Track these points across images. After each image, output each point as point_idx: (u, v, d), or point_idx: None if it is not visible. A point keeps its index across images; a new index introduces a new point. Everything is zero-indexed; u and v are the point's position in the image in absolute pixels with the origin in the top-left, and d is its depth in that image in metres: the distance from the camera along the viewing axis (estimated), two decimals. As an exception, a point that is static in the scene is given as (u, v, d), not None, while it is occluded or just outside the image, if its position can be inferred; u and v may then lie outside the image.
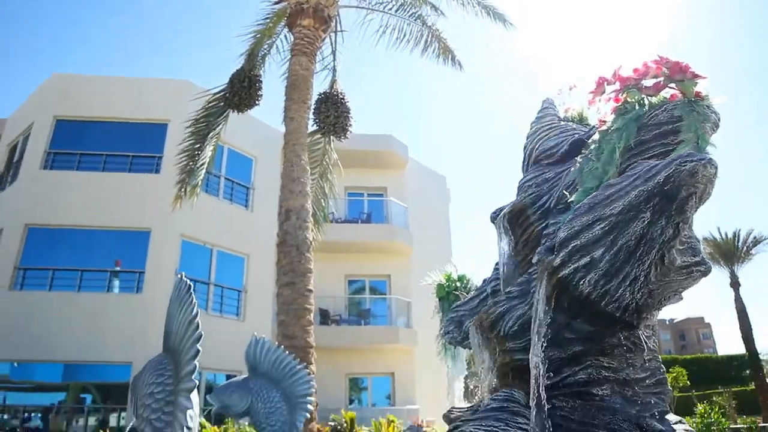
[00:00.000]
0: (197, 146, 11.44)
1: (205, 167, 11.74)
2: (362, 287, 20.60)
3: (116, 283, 15.40)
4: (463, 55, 12.62)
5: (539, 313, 2.32)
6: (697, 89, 2.46)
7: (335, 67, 11.95)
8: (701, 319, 73.80)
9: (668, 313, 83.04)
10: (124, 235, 15.45)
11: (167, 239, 15.28)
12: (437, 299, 4.39)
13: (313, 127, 10.88)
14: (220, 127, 11.70)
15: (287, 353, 3.64)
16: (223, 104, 11.26)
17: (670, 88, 2.55)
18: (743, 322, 22.87)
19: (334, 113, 10.86)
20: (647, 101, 2.55)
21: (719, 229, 24.31)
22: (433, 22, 12.19)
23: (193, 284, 3.07)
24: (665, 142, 2.43)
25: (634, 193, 2.09)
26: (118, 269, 15.37)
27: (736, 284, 23.34)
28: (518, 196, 3.35)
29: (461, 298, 4.03)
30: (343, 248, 18.61)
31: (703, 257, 2.40)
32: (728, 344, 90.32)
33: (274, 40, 11.74)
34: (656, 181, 2.03)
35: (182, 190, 11.55)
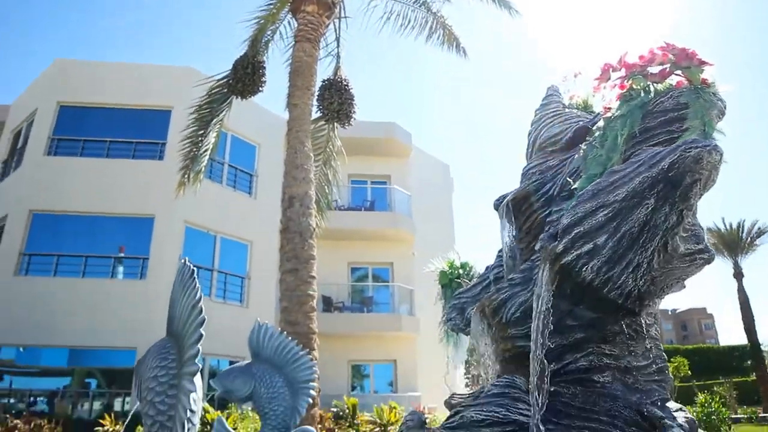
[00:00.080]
0: (200, 133, 11.42)
1: (208, 154, 11.73)
2: (365, 275, 20.67)
3: (120, 269, 15.49)
4: (468, 42, 12.55)
5: (541, 299, 2.31)
6: (703, 76, 2.43)
7: (339, 53, 11.88)
8: (704, 309, 73.94)
9: (671, 303, 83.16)
10: (127, 221, 15.52)
11: (171, 226, 15.33)
12: (440, 286, 4.39)
13: (316, 114, 10.84)
14: (223, 113, 11.67)
15: (290, 339, 3.65)
16: (226, 91, 11.23)
17: (676, 75, 2.52)
18: (746, 312, 22.91)
19: (338, 100, 10.82)
20: (653, 88, 2.52)
21: (723, 219, 24.30)
22: (438, 8, 12.11)
23: (196, 270, 3.08)
24: (670, 129, 2.41)
25: (638, 179, 2.08)
26: (122, 255, 15.45)
27: (739, 275, 23.34)
28: (522, 183, 3.34)
29: (464, 285, 4.03)
30: (346, 236, 18.64)
31: (706, 245, 2.39)
32: (730, 335, 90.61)
33: (277, 26, 11.66)
34: (661, 167, 2.02)
35: (185, 176, 11.55)
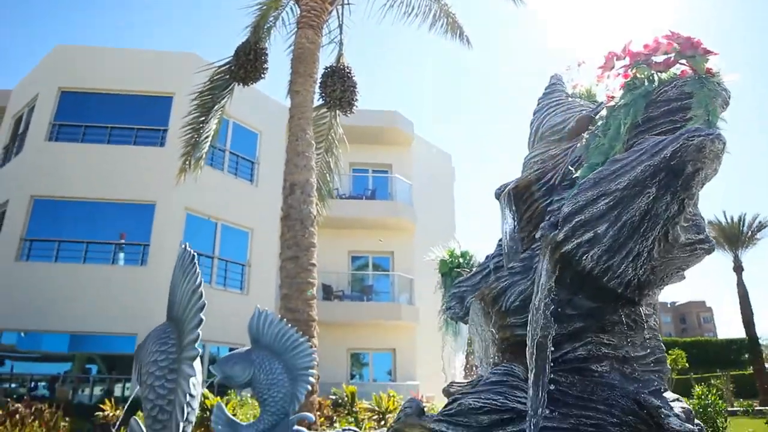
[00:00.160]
0: (202, 119, 11.40)
1: (209, 141, 11.71)
2: (365, 263, 20.70)
3: (121, 255, 15.52)
4: (471, 31, 12.46)
5: (541, 288, 2.31)
6: (708, 66, 2.41)
7: (342, 40, 11.82)
8: (702, 302, 74.11)
9: (670, 296, 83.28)
10: (129, 207, 15.52)
11: (172, 212, 15.34)
12: (440, 275, 4.38)
13: (318, 101, 10.80)
14: (225, 100, 11.64)
15: (290, 326, 3.67)
16: (228, 77, 11.19)
17: (680, 64, 2.50)
18: (744, 306, 22.94)
19: (340, 87, 10.77)
20: (657, 77, 2.50)
21: (725, 212, 24.32)
22: (442, -4, 12.03)
23: (196, 256, 3.09)
24: (673, 119, 2.40)
25: (640, 168, 2.07)
26: (123, 242, 15.47)
27: (739, 268, 23.34)
28: (523, 172, 3.33)
29: (464, 274, 4.03)
30: (347, 224, 18.65)
31: (707, 235, 2.39)
32: (729, 328, 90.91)
33: (280, 12, 11.59)
34: (663, 155, 2.00)
35: (187, 163, 11.54)
